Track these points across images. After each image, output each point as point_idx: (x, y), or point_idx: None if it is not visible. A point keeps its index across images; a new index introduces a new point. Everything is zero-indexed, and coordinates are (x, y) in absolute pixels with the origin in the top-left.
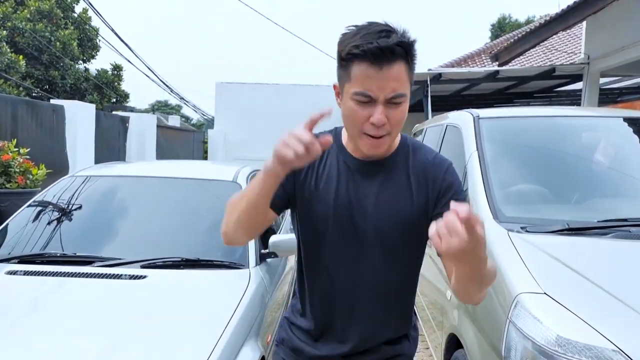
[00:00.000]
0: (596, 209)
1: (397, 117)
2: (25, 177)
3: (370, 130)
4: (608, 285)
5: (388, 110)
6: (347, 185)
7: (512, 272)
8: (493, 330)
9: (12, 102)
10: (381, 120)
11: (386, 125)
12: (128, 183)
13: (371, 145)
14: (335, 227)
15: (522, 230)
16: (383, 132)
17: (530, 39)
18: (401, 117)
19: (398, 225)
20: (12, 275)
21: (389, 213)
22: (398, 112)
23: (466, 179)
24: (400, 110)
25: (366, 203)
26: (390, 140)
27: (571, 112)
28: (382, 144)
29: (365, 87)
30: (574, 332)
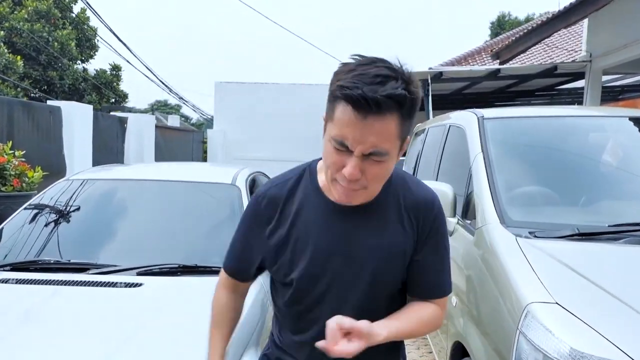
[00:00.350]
0: (605, 212)
1: (375, 173)
2: (20, 180)
3: (342, 181)
4: (623, 294)
5: (365, 165)
6: (329, 226)
7: (522, 280)
8: (502, 341)
9: (8, 103)
10: (353, 175)
11: (361, 180)
12: (125, 187)
13: (342, 194)
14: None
15: (531, 235)
16: (356, 186)
17: (532, 37)
18: (380, 174)
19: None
20: (4, 284)
21: (381, 255)
22: (377, 169)
23: (471, 182)
24: (381, 168)
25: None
26: (367, 195)
27: (578, 112)
28: (355, 197)
29: (342, 135)
30: (588, 345)
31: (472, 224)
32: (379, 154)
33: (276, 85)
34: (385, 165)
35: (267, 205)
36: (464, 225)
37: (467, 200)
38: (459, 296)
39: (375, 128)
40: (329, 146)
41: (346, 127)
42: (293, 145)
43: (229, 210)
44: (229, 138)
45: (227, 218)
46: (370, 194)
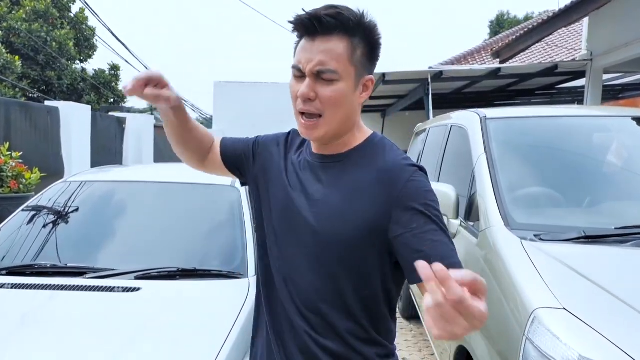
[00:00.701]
0: (610, 213)
1: (327, 95)
2: (18, 182)
3: (300, 105)
4: (631, 299)
5: (317, 87)
6: (297, 179)
7: (528, 285)
8: (507, 346)
9: (5, 104)
10: (304, 94)
11: (316, 102)
12: (123, 189)
13: (303, 126)
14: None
15: (536, 238)
16: (312, 109)
17: (533, 35)
18: (332, 97)
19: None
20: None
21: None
22: (329, 90)
23: (474, 183)
24: (333, 90)
25: (308, 201)
26: (328, 125)
27: (581, 112)
28: (315, 127)
29: (297, 60)
30: (597, 352)
31: (476, 226)
32: (327, 71)
33: (275, 85)
34: (336, 87)
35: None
36: (466, 227)
37: (470, 202)
38: None
39: (322, 47)
40: (291, 80)
41: (300, 52)
42: None
43: (228, 212)
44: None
45: (227, 220)
46: (329, 123)
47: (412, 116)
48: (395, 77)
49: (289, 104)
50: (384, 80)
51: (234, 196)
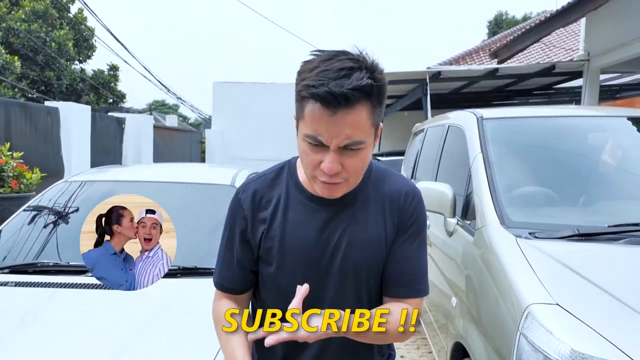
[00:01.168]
0: (605, 212)
1: (354, 165)
2: (19, 182)
3: (322, 177)
4: (623, 295)
5: (343, 158)
6: (309, 220)
7: (522, 281)
8: (502, 342)
9: (5, 104)
10: (332, 170)
11: (342, 173)
12: (123, 188)
13: (325, 189)
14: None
15: (531, 236)
16: (338, 179)
17: (531, 36)
18: (359, 165)
19: (371, 258)
20: (3, 287)
21: (361, 248)
22: (356, 159)
23: (471, 182)
24: (359, 158)
25: (338, 242)
26: (349, 186)
27: (577, 112)
28: (338, 190)
29: (315, 131)
30: (589, 346)
31: (472, 224)
32: (355, 144)
33: (274, 85)
34: (362, 154)
35: (248, 200)
36: (463, 226)
37: (467, 201)
38: (459, 296)
39: (347, 120)
40: (303, 145)
41: (318, 124)
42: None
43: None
44: (227, 138)
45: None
46: (351, 185)
47: (411, 116)
48: (394, 77)
49: (287, 105)
50: None
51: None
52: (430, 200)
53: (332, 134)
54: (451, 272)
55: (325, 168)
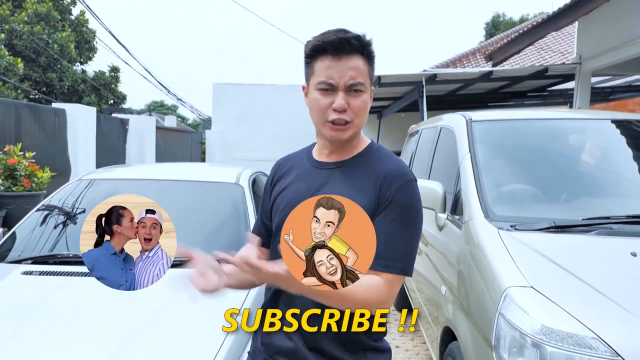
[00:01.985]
0: (582, 207)
1: (358, 104)
2: (30, 181)
3: (333, 116)
4: (590, 279)
5: (349, 98)
6: (308, 180)
7: (502, 267)
8: (484, 322)
9: (15, 106)
10: (342, 106)
11: (348, 111)
12: (133, 186)
13: (335, 131)
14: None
15: (512, 228)
16: (346, 117)
17: (524, 39)
18: (361, 106)
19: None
20: (28, 275)
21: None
22: (358, 100)
23: (459, 180)
24: (361, 99)
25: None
26: (354, 128)
27: (560, 115)
28: (346, 130)
29: (327, 76)
30: (558, 322)
31: (460, 219)
32: (357, 84)
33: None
34: (363, 97)
35: (275, 169)
36: (452, 220)
37: (456, 198)
38: (448, 285)
39: (350, 64)
40: (315, 94)
41: (329, 70)
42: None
43: (233, 208)
44: (227, 138)
45: (232, 215)
46: (356, 127)
47: (408, 117)
48: (391, 79)
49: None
50: (379, 82)
51: (238, 193)
52: (423, 197)
53: (340, 76)
54: (441, 263)
55: (337, 105)
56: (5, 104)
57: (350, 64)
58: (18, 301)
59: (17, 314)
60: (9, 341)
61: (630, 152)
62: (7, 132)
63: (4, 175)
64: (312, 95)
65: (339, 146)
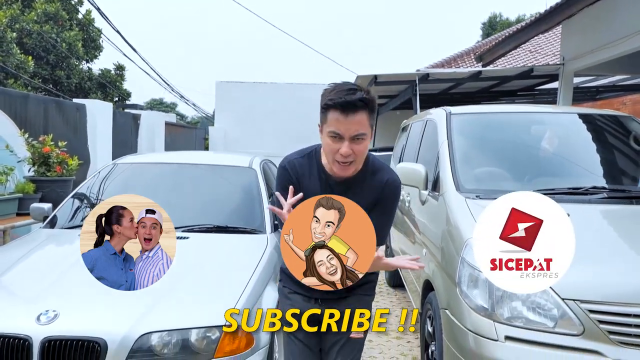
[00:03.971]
0: (537, 184)
1: (360, 149)
2: (62, 167)
3: (339, 159)
4: None
5: (353, 145)
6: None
7: (465, 225)
8: (451, 267)
9: (44, 101)
10: (347, 152)
11: (351, 155)
12: (163, 169)
13: (341, 169)
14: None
15: (477, 197)
16: (350, 159)
17: (510, 42)
18: (363, 150)
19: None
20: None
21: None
22: (360, 146)
23: (438, 162)
24: (363, 145)
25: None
26: (356, 165)
27: (526, 109)
28: (349, 168)
29: (336, 128)
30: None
31: (438, 194)
32: (360, 135)
33: (275, 85)
34: (364, 143)
35: (291, 169)
36: (432, 196)
37: (436, 178)
38: (428, 247)
39: (355, 120)
40: (327, 140)
41: (338, 124)
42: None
43: (248, 187)
44: (229, 135)
45: (247, 192)
46: (357, 165)
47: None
48: (387, 78)
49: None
50: (375, 81)
51: (252, 175)
52: (409, 177)
53: (346, 128)
54: (423, 230)
55: (342, 152)
56: (36, 99)
57: (355, 119)
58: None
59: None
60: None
61: (582, 140)
62: (37, 124)
63: (39, 162)
64: (324, 139)
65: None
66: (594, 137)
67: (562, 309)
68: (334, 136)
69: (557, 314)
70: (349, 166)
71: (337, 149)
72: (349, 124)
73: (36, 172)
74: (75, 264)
